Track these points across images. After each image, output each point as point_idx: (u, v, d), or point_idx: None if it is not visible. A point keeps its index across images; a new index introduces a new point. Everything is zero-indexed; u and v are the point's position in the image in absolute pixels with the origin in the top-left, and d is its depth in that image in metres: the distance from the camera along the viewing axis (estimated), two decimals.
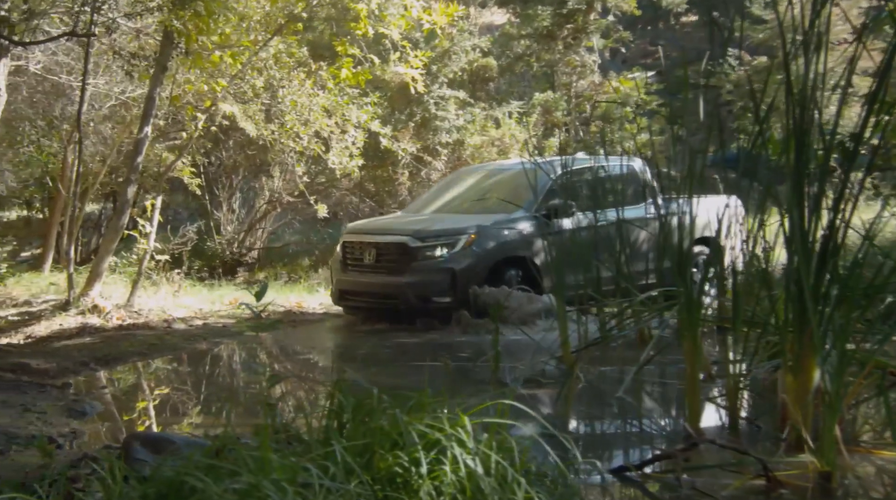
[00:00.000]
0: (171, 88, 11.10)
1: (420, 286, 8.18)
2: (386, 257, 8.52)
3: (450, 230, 8.43)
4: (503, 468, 2.36)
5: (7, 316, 8.93)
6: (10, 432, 4.18)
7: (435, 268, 8.20)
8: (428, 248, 8.28)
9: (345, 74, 11.77)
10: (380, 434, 2.45)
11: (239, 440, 3.43)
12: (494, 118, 15.59)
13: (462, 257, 8.23)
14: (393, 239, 8.55)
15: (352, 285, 8.80)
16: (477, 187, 9.78)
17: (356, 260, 8.81)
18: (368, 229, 9.29)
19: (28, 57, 12.40)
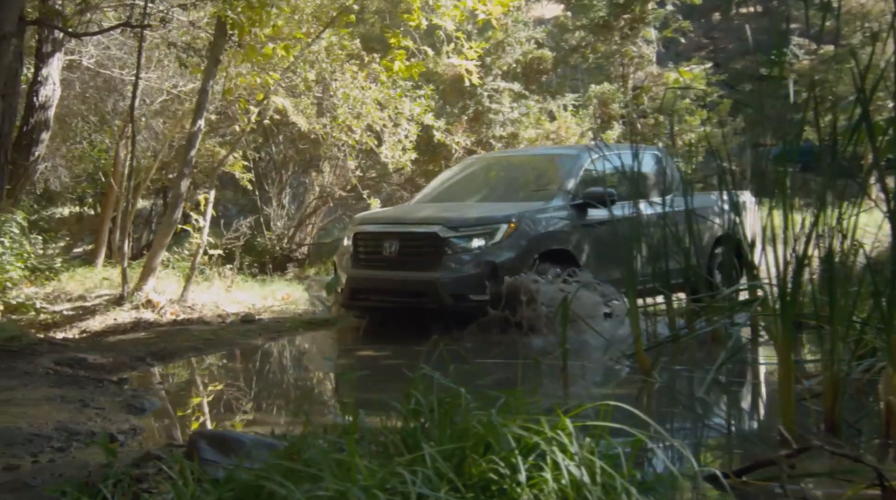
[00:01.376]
0: (223, 81, 11.05)
1: (454, 282, 7.25)
2: (412, 250, 7.55)
3: (487, 218, 7.51)
4: (609, 476, 2.16)
5: (62, 311, 8.95)
6: (70, 428, 4.09)
7: (472, 261, 7.29)
8: (463, 238, 7.37)
9: (398, 67, 11.60)
10: (471, 437, 2.26)
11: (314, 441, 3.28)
12: (548, 111, 15.34)
13: (502, 248, 7.34)
14: (420, 229, 7.59)
15: (368, 282, 7.74)
16: (496, 176, 9.01)
17: (372, 254, 7.79)
18: (388, 219, 8.23)
19: (81, 51, 12.48)
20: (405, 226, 7.77)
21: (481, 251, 7.32)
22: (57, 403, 4.62)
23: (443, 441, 2.29)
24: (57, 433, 3.98)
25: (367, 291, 7.74)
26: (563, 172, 8.25)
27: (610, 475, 2.16)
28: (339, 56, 11.92)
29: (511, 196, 8.26)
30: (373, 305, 7.79)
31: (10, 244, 9.31)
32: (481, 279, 7.21)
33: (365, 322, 7.94)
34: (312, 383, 5.36)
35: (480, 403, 2.60)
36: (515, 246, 7.39)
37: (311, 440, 2.36)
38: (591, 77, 18.04)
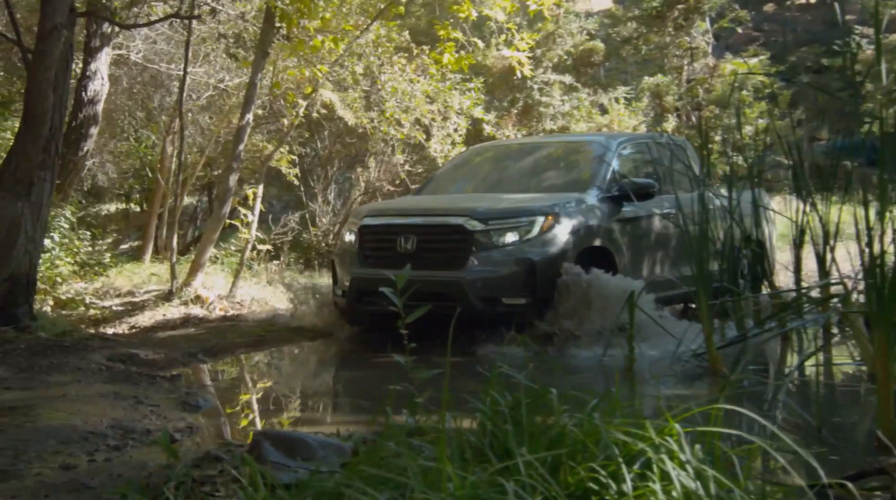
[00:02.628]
0: (271, 74, 10.99)
1: (484, 283, 6.38)
2: (432, 245, 6.64)
3: (522, 209, 6.67)
4: (723, 486, 1.96)
5: (111, 306, 8.94)
6: (126, 425, 3.99)
7: (505, 259, 6.46)
8: (494, 232, 6.51)
9: (447, 59, 11.43)
10: (567, 442, 2.08)
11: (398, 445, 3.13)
12: (599, 104, 15.07)
13: (540, 244, 6.49)
14: (443, 221, 6.70)
15: (377, 284, 6.76)
16: (514, 165, 8.14)
17: (383, 250, 6.86)
18: (403, 210, 7.26)
19: (128, 46, 12.52)
20: (424, 218, 6.84)
21: (516, 247, 6.48)
22: (111, 399, 4.53)
23: (536, 447, 2.11)
24: (112, 430, 3.88)
25: (377, 293, 6.79)
26: (595, 161, 7.52)
27: (724, 486, 1.96)
28: (388, 49, 11.80)
29: (538, 187, 7.48)
30: (383, 310, 6.77)
31: (60, 239, 9.33)
32: (516, 280, 6.38)
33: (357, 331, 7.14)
34: (371, 381, 5.20)
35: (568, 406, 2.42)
36: (554, 242, 6.53)
37: (396, 444, 2.19)
38: (644, 69, 17.70)
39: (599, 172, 7.27)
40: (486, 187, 7.78)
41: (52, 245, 8.91)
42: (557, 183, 7.44)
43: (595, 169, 7.33)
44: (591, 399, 2.46)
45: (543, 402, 2.48)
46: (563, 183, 7.40)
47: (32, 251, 6.48)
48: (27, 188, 6.43)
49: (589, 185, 7.17)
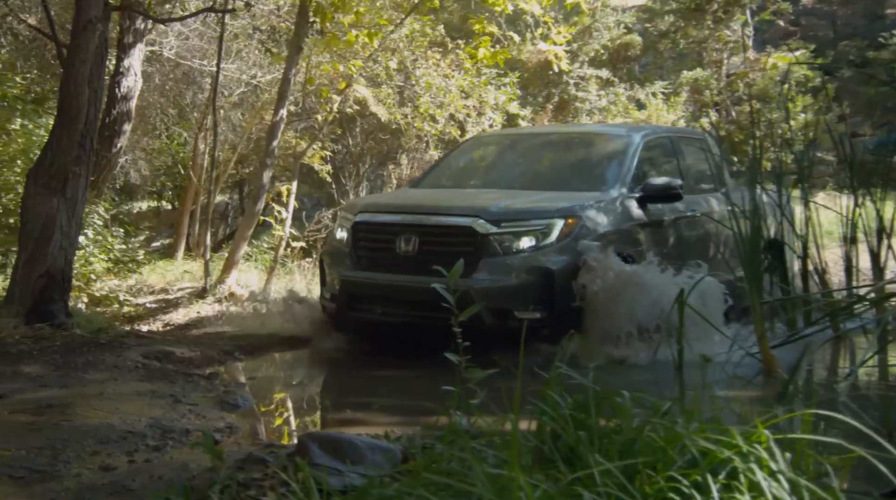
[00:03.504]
0: (305, 69, 10.92)
1: (495, 293, 5.66)
2: (437, 248, 5.88)
3: (540, 210, 5.98)
4: (819, 499, 1.81)
5: (145, 303, 8.92)
6: (164, 425, 3.90)
7: (519, 266, 5.74)
8: (508, 235, 5.81)
9: (482, 54, 11.30)
10: (644, 449, 1.94)
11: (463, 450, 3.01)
12: (636, 100, 14.86)
13: (559, 251, 5.80)
14: (450, 221, 5.99)
15: (372, 288, 6.06)
16: (524, 158, 7.36)
17: (380, 251, 6.15)
18: (402, 206, 6.51)
19: (162, 42, 12.52)
20: (429, 216, 6.11)
21: (531, 254, 5.77)
22: (148, 398, 4.45)
23: (608, 453, 1.98)
24: (151, 430, 3.80)
25: (371, 299, 6.07)
26: (617, 157, 6.82)
27: (819, 497, 1.81)
28: (422, 44, 11.69)
29: (552, 184, 6.73)
30: (377, 319, 6.06)
31: (94, 236, 9.32)
32: (531, 292, 5.69)
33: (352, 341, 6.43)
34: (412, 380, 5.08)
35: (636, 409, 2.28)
36: (575, 249, 5.83)
37: (459, 448, 2.06)
38: (682, 63, 17.43)
39: (622, 169, 6.60)
40: (492, 182, 7.03)
41: (87, 242, 8.90)
42: (575, 180, 6.70)
43: (617, 165, 6.67)
44: (658, 402, 2.32)
45: (610, 405, 2.34)
46: (582, 180, 6.67)
47: (68, 248, 6.44)
48: (62, 184, 6.39)
49: (611, 183, 6.51)
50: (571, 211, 5.94)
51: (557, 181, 6.73)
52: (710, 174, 7.53)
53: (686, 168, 7.23)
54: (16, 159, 10.28)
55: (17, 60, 12.85)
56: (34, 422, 3.84)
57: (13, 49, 13.15)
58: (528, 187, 6.69)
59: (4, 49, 13.10)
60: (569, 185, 6.60)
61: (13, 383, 4.57)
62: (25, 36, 13.15)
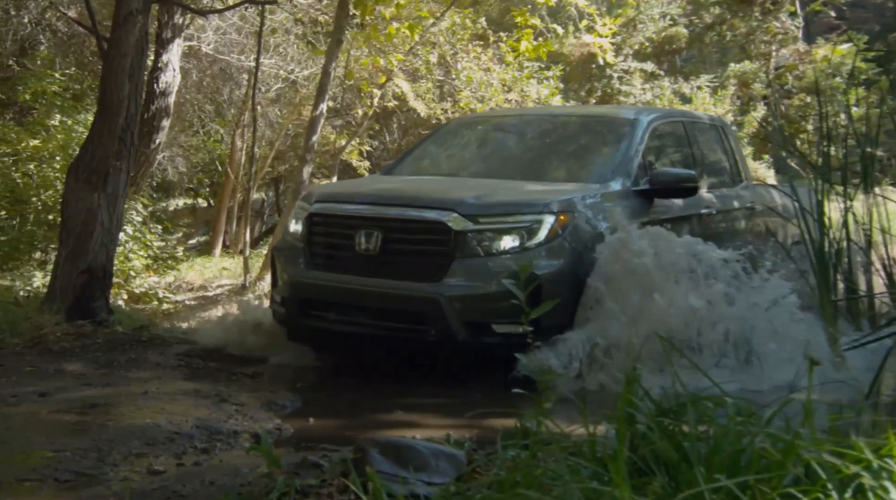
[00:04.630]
0: (345, 63, 10.82)
1: (471, 303, 4.75)
2: (404, 246, 4.99)
3: (526, 204, 5.03)
4: None
5: (184, 301, 8.85)
6: (211, 426, 3.78)
7: (501, 271, 4.66)
8: (487, 233, 4.87)
9: (524, 47, 11.12)
10: (755, 463, 1.76)
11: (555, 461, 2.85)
12: (680, 93, 14.57)
13: (550, 253, 4.86)
14: (419, 214, 5.02)
15: (328, 292, 5.14)
16: (517, 141, 6.45)
17: (339, 248, 5.22)
18: (365, 196, 5.47)
19: (200, 37, 12.50)
20: (394, 208, 5.13)
21: (515, 256, 4.79)
22: (193, 397, 4.34)
23: (713, 466, 1.80)
24: (198, 431, 3.68)
25: (326, 305, 5.16)
26: (620, 144, 5.88)
27: None
28: (463, 37, 11.54)
29: (544, 174, 5.86)
30: (334, 328, 5.10)
31: (133, 233, 9.29)
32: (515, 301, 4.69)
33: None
34: (466, 380, 4.88)
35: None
36: (566, 251, 4.90)
37: (554, 459, 1.89)
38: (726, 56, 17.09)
39: (626, 157, 5.67)
40: (477, 169, 6.15)
41: (126, 238, 8.86)
42: (571, 169, 5.87)
43: (620, 153, 5.74)
44: (745, 408, 2.14)
45: (699, 411, 2.16)
46: (579, 170, 5.83)
47: (109, 243, 6.37)
48: (103, 178, 6.31)
49: (612, 174, 5.57)
50: (564, 206, 4.99)
51: (551, 170, 5.89)
52: (730, 166, 6.86)
53: (701, 158, 6.47)
54: (55, 156, 10.29)
55: (55, 57, 12.90)
56: (79, 422, 3.75)
57: (52, 46, 13.21)
58: (517, 177, 5.79)
59: (43, 46, 13.17)
60: (564, 175, 5.79)
61: (56, 381, 4.49)
62: (64, 33, 13.21)
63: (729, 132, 7.03)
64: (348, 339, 5.15)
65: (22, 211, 10.51)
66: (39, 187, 10.30)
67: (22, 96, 11.45)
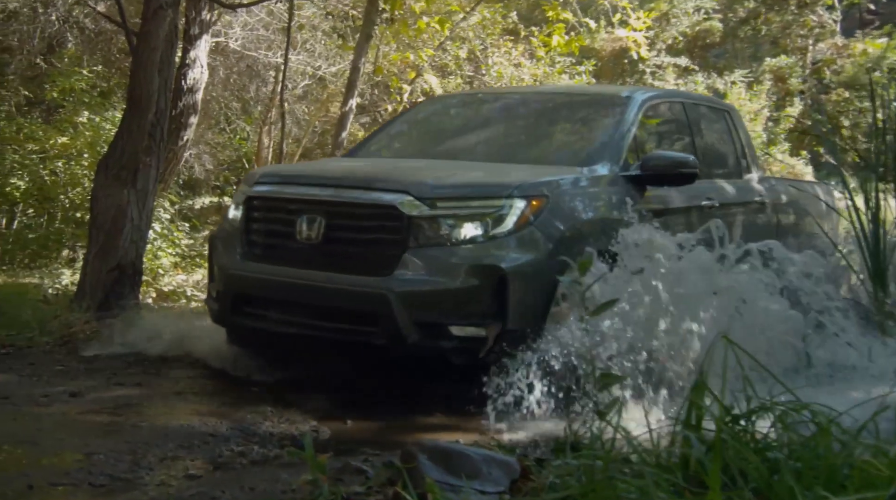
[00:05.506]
0: (374, 59, 10.72)
1: (425, 300, 4.14)
2: (349, 234, 4.37)
3: (492, 187, 4.39)
4: None
5: None
6: (246, 428, 3.68)
7: (460, 263, 4.13)
8: (445, 219, 4.21)
9: (556, 41, 10.98)
10: (857, 478, 1.61)
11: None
12: (714, 89, 14.33)
13: (520, 243, 4.21)
14: (368, 197, 4.39)
15: (265, 286, 4.52)
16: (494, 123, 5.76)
17: (279, 235, 4.61)
18: (311, 178, 4.88)
19: (227, 33, 12.44)
20: (341, 191, 4.52)
21: (478, 246, 4.18)
22: (226, 398, 4.24)
23: (805, 480, 1.65)
24: (234, 433, 3.59)
25: (265, 303, 4.55)
26: (608, 124, 5.22)
27: None
28: (493, 32, 11.41)
29: (521, 156, 5.14)
30: (271, 328, 4.50)
31: (162, 230, 9.23)
32: (475, 299, 4.10)
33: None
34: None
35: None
36: (539, 242, 4.24)
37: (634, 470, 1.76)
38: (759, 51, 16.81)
39: (614, 139, 5.01)
40: (447, 152, 5.50)
41: (154, 236, 8.79)
42: (551, 152, 5.18)
43: (608, 135, 5.08)
44: (825, 416, 1.99)
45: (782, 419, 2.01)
46: (560, 152, 5.15)
47: (138, 241, 6.30)
48: (133, 174, 6.24)
49: (598, 157, 4.88)
50: (537, 189, 4.33)
51: (529, 152, 5.22)
52: (737, 155, 6.24)
53: (703, 145, 5.88)
54: (83, 153, 10.26)
55: (83, 55, 12.90)
56: (111, 423, 3.66)
57: (79, 43, 13.21)
58: (492, 159, 5.17)
59: (70, 43, 13.18)
60: (543, 157, 5.09)
61: (87, 380, 4.42)
62: (91, 30, 13.21)
63: (736, 118, 6.41)
64: (290, 342, 4.54)
65: (50, 209, 10.50)
66: (67, 185, 10.28)
67: (49, 94, 11.45)
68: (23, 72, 13.16)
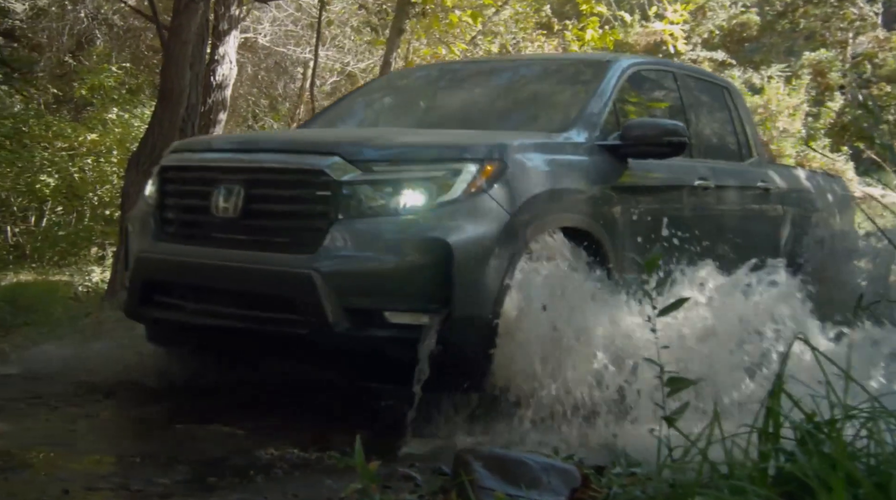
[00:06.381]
0: (406, 53, 10.61)
1: (357, 282, 3.48)
2: (270, 206, 3.71)
3: (437, 148, 3.77)
4: None
5: None
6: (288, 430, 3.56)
7: (398, 237, 3.49)
8: (381, 186, 3.56)
9: (590, 36, 10.81)
10: None
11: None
12: (750, 84, 14.09)
13: (470, 214, 3.52)
14: (291, 161, 3.78)
15: (178, 269, 3.88)
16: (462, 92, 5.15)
17: (195, 211, 3.93)
18: (230, 142, 4.48)
19: (256, 28, 12.40)
20: (260, 154, 3.91)
21: (419, 217, 3.51)
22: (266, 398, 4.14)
23: None
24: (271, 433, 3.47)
25: (177, 289, 3.92)
26: (584, 89, 4.60)
27: None
28: (526, 26, 11.26)
29: (483, 124, 4.49)
30: (186, 320, 3.84)
31: None
32: (415, 279, 3.45)
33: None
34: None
35: None
36: (491, 214, 3.55)
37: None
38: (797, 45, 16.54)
39: (591, 104, 4.38)
40: (402, 121, 5.04)
41: None
42: (519, 119, 4.59)
43: (583, 99, 4.46)
44: None
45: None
46: (529, 119, 4.54)
47: None
48: None
49: (570, 122, 4.25)
50: (492, 152, 3.67)
51: (497, 121, 4.59)
52: (736, 137, 5.66)
53: (697, 121, 5.28)
54: (112, 150, 10.26)
55: (111, 51, 12.92)
56: (147, 424, 3.57)
57: (108, 40, 13.24)
58: (451, 127, 4.56)
59: (99, 40, 13.21)
60: (510, 124, 4.51)
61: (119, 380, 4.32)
62: (119, 27, 13.24)
63: (736, 96, 5.84)
64: (208, 336, 3.87)
65: (79, 207, 10.51)
66: (96, 183, 10.28)
67: (78, 91, 11.47)
68: (51, 69, 13.24)
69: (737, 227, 5.09)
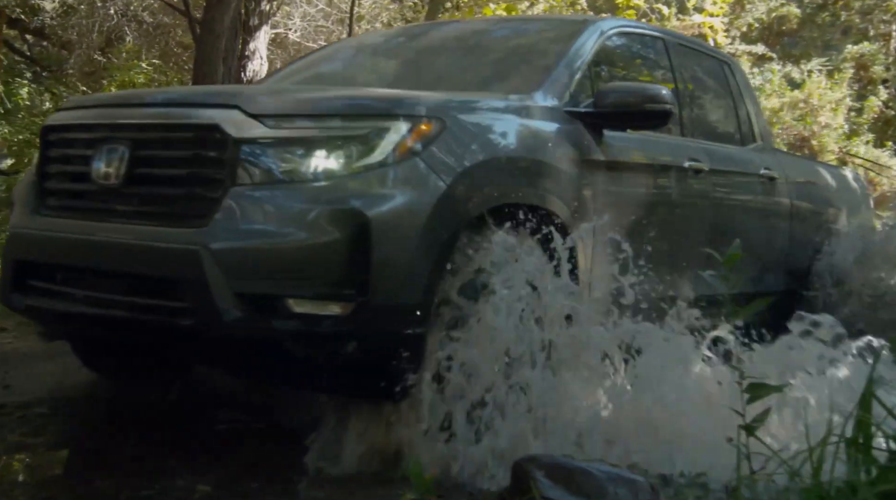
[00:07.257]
0: None
1: (254, 260, 2.79)
2: (156, 170, 3.06)
3: (358, 101, 3.12)
4: None
5: None
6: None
7: (305, 209, 2.80)
8: (288, 145, 2.89)
9: None
10: None
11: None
12: (789, 78, 13.83)
13: (396, 181, 2.87)
14: (184, 114, 3.11)
15: (54, 247, 3.21)
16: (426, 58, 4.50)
17: (77, 178, 3.27)
18: (118, 98, 4.01)
19: (286, 24, 12.33)
20: (148, 109, 3.27)
21: (332, 184, 2.86)
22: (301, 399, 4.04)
23: None
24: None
25: (55, 270, 3.24)
26: (554, 49, 4.02)
27: None
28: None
29: (436, 86, 3.76)
30: (67, 309, 3.15)
31: None
32: (324, 260, 2.79)
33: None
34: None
35: None
36: (424, 181, 2.91)
37: None
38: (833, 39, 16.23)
39: (560, 66, 3.82)
40: (354, 83, 4.31)
41: None
42: (477, 80, 3.96)
43: (552, 59, 3.90)
44: None
45: None
46: (488, 80, 3.93)
47: None
48: None
49: (535, 85, 3.66)
50: (428, 109, 3.00)
51: (450, 82, 4.01)
52: (737, 118, 5.12)
53: (690, 98, 4.76)
54: None
55: (141, 48, 12.91)
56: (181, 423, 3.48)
57: (138, 37, 13.24)
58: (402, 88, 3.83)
59: (129, 37, 13.21)
60: (467, 86, 3.90)
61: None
62: (149, 23, 13.23)
63: (738, 73, 5.26)
64: (88, 322, 3.18)
65: None
66: None
67: (108, 89, 11.45)
68: (81, 67, 13.25)
69: (734, 219, 4.60)
